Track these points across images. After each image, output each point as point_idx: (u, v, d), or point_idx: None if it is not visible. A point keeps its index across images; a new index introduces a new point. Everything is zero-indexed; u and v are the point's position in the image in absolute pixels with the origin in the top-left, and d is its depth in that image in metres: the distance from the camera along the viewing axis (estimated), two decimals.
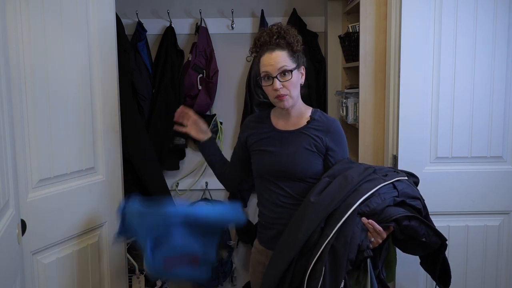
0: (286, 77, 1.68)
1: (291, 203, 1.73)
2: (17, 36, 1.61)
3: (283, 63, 1.67)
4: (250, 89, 3.02)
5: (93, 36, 1.95)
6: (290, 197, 1.74)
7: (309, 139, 1.73)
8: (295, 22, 3.10)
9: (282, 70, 1.67)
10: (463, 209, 2.09)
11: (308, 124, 1.76)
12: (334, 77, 3.18)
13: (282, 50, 1.69)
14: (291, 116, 1.79)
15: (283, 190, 1.74)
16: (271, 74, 1.68)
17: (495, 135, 2.04)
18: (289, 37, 1.71)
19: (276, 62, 1.67)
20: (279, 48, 1.70)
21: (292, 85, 1.69)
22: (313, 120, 1.76)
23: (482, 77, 2.02)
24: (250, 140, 1.85)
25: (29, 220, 1.65)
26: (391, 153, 2.11)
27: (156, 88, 3.09)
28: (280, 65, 1.67)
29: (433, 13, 2.00)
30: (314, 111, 1.80)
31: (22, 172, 1.65)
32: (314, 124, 1.75)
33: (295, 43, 1.72)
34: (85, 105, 1.92)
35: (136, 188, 2.92)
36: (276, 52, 1.69)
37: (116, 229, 1.88)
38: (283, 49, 1.70)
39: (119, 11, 2.37)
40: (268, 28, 1.75)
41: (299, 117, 1.79)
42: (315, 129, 1.74)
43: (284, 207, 1.74)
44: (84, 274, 1.96)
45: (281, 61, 1.67)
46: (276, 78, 1.67)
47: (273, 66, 1.67)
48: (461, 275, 2.11)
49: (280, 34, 1.72)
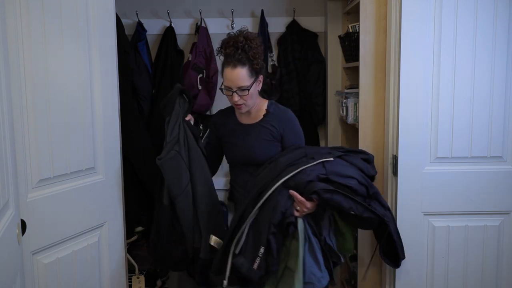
0: (244, 92, 1.93)
1: None
2: (17, 36, 1.61)
3: (242, 82, 1.90)
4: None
5: (93, 36, 1.95)
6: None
7: (266, 130, 2.02)
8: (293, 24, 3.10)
9: (241, 88, 1.91)
10: (463, 209, 2.09)
11: (264, 117, 2.03)
12: (334, 77, 3.18)
13: (243, 67, 1.90)
14: (251, 111, 2.05)
15: (250, 174, 2.02)
16: (231, 88, 1.93)
17: (495, 135, 2.04)
18: (251, 52, 1.90)
19: (236, 79, 1.90)
20: (240, 64, 1.90)
21: (249, 97, 1.95)
22: (268, 113, 2.03)
23: (482, 77, 2.02)
24: (221, 133, 2.13)
25: (29, 220, 1.65)
26: (391, 153, 2.11)
27: (156, 88, 3.09)
28: (239, 83, 1.90)
29: (433, 14, 2.00)
30: (270, 104, 2.06)
31: (22, 172, 1.65)
32: (269, 117, 2.03)
33: (256, 60, 1.92)
34: (85, 105, 1.92)
35: (136, 188, 2.92)
36: (238, 69, 1.90)
37: None
38: (244, 65, 1.90)
39: (119, 11, 2.37)
40: (235, 37, 1.93)
41: (258, 111, 2.06)
42: (271, 120, 2.02)
43: None
44: (84, 274, 1.96)
45: (240, 79, 1.90)
46: (236, 92, 1.92)
47: (233, 82, 1.91)
48: (461, 275, 2.11)
49: (243, 49, 1.90)
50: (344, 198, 1.78)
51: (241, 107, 1.97)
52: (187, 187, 1.95)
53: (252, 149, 2.03)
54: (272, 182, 1.83)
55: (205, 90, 3.07)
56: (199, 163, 1.99)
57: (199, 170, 1.98)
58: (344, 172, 1.84)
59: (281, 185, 1.81)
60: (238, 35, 1.93)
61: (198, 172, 1.98)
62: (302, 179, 1.81)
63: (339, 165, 1.86)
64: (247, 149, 2.04)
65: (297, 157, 1.90)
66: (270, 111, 2.04)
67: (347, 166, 1.88)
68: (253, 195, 1.84)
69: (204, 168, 2.01)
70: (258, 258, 1.76)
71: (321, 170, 1.82)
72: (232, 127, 2.10)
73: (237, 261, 1.78)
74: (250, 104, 1.98)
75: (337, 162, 1.87)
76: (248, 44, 1.91)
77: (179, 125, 1.95)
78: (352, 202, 1.78)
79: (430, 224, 2.10)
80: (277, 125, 2.01)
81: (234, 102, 1.96)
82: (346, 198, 1.78)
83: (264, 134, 2.02)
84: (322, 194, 1.77)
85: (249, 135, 2.04)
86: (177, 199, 1.93)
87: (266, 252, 1.76)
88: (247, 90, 1.92)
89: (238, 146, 2.07)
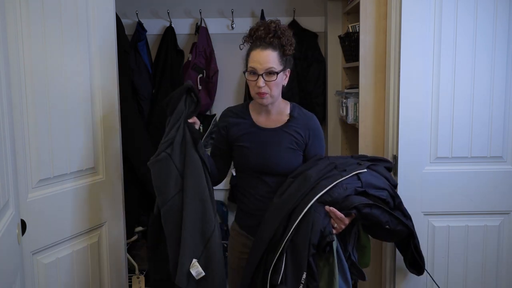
0: (271, 77, 1.70)
1: (273, 196, 1.77)
2: (17, 36, 1.61)
3: (272, 64, 1.70)
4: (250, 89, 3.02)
5: (93, 36, 1.95)
6: (272, 191, 1.79)
7: (290, 137, 1.80)
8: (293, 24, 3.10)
9: (269, 71, 1.70)
10: (463, 209, 2.09)
11: (288, 122, 1.81)
12: (334, 77, 3.18)
13: (274, 51, 1.71)
14: (271, 113, 1.83)
15: (266, 184, 1.80)
16: (257, 71, 1.70)
17: (495, 135, 2.04)
18: (284, 39, 1.73)
19: (265, 61, 1.69)
20: (271, 47, 1.71)
21: (275, 86, 1.72)
22: (293, 118, 1.82)
23: (482, 77, 2.02)
24: (232, 134, 1.84)
25: (29, 220, 1.65)
26: (391, 153, 2.11)
27: (156, 88, 3.09)
28: (268, 65, 1.69)
29: (433, 13, 2.00)
30: (293, 107, 1.85)
31: (22, 172, 1.65)
32: (294, 122, 1.81)
33: (288, 46, 1.74)
34: (85, 105, 1.92)
35: (136, 188, 2.92)
36: (268, 51, 1.70)
37: None
38: (275, 49, 1.71)
39: (119, 11, 2.37)
40: (267, 23, 1.75)
41: (279, 113, 1.83)
42: (296, 126, 1.81)
43: (268, 198, 1.79)
44: (84, 274, 1.96)
45: (270, 61, 1.69)
46: (261, 76, 1.70)
47: (261, 64, 1.69)
48: (461, 275, 2.11)
49: (276, 33, 1.72)
50: (381, 212, 1.68)
51: (264, 95, 1.72)
52: (175, 197, 1.68)
53: (272, 157, 1.78)
54: (306, 199, 1.65)
55: (205, 90, 3.07)
56: (194, 172, 1.70)
57: (192, 180, 1.69)
58: (377, 184, 1.74)
59: (316, 201, 1.65)
60: (270, 22, 1.75)
61: (191, 182, 1.68)
62: (339, 193, 1.66)
63: (371, 176, 1.75)
64: (265, 157, 1.78)
65: (327, 170, 1.73)
66: (294, 115, 1.82)
67: (378, 177, 1.77)
68: (284, 215, 1.66)
69: (200, 179, 1.70)
70: (300, 285, 1.59)
71: (357, 183, 1.70)
72: (248, 129, 1.83)
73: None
74: (275, 95, 1.74)
75: (369, 173, 1.75)
76: (281, 30, 1.73)
77: (179, 126, 1.71)
78: (388, 215, 1.69)
79: (430, 224, 2.10)
80: (303, 133, 1.81)
81: (257, 88, 1.71)
82: (383, 212, 1.68)
83: (288, 141, 1.79)
84: (362, 209, 1.65)
85: (269, 141, 1.80)
86: (162, 209, 1.68)
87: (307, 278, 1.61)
88: (276, 75, 1.70)
89: (255, 152, 1.80)
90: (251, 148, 1.81)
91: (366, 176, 1.73)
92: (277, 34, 1.72)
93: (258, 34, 1.73)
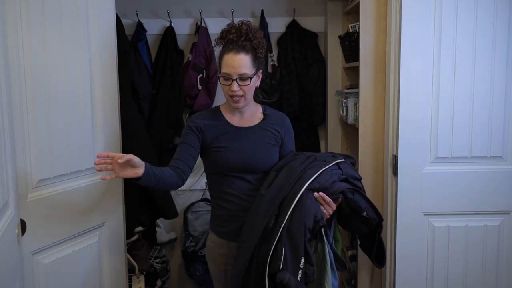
0: (245, 82, 1.74)
1: (256, 194, 1.79)
2: (17, 36, 1.61)
3: (245, 69, 1.73)
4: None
5: (93, 36, 1.95)
6: (255, 188, 1.81)
7: (269, 134, 1.86)
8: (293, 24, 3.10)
9: (242, 76, 1.73)
10: (463, 209, 2.09)
11: (264, 120, 1.88)
12: (334, 77, 3.18)
13: (246, 54, 1.74)
14: (245, 113, 1.87)
15: (249, 183, 1.82)
16: (231, 76, 1.73)
17: (495, 135, 2.04)
18: (256, 41, 1.76)
19: (239, 65, 1.72)
20: (244, 51, 1.73)
21: (249, 89, 1.77)
22: (268, 116, 1.88)
23: (482, 77, 2.02)
24: (207, 137, 1.81)
25: (29, 220, 1.65)
26: (391, 153, 2.11)
27: (156, 88, 3.09)
28: (241, 70, 1.72)
29: (433, 13, 2.00)
30: (264, 107, 1.92)
31: (22, 172, 1.65)
32: (270, 119, 1.88)
33: (260, 49, 1.77)
34: (85, 105, 1.92)
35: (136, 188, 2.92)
36: (241, 55, 1.73)
37: None
38: (247, 53, 1.74)
39: (119, 11, 2.37)
40: (238, 25, 1.77)
41: (252, 113, 1.89)
42: (272, 124, 1.88)
43: (252, 196, 1.80)
44: (84, 274, 1.96)
45: (243, 65, 1.72)
46: (236, 81, 1.73)
47: (234, 69, 1.72)
48: (461, 275, 2.11)
49: (247, 36, 1.75)
50: (361, 198, 1.77)
51: (239, 100, 1.76)
52: None
53: (255, 153, 1.81)
54: (295, 186, 1.71)
55: (205, 90, 3.07)
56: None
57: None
58: (353, 174, 1.83)
59: (306, 188, 1.71)
60: (240, 24, 1.77)
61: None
62: (326, 180, 1.75)
63: (348, 167, 1.84)
64: (248, 155, 1.80)
65: (309, 161, 1.80)
66: (268, 113, 1.89)
67: (352, 169, 1.86)
68: (275, 204, 1.69)
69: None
70: (300, 270, 1.62)
71: (339, 171, 1.79)
72: (225, 129, 1.84)
73: (284, 277, 1.58)
74: (248, 98, 1.79)
75: (346, 164, 1.85)
76: (252, 33, 1.76)
77: None
78: (366, 202, 1.78)
79: (430, 224, 2.10)
80: (280, 130, 1.88)
81: (232, 92, 1.74)
82: (362, 198, 1.77)
83: (267, 137, 1.85)
84: (348, 194, 1.75)
85: (250, 139, 1.83)
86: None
87: (304, 263, 1.63)
88: (249, 79, 1.74)
89: (236, 151, 1.80)
90: (230, 148, 1.81)
91: (345, 165, 1.82)
92: (248, 37, 1.75)
93: (230, 37, 1.75)
